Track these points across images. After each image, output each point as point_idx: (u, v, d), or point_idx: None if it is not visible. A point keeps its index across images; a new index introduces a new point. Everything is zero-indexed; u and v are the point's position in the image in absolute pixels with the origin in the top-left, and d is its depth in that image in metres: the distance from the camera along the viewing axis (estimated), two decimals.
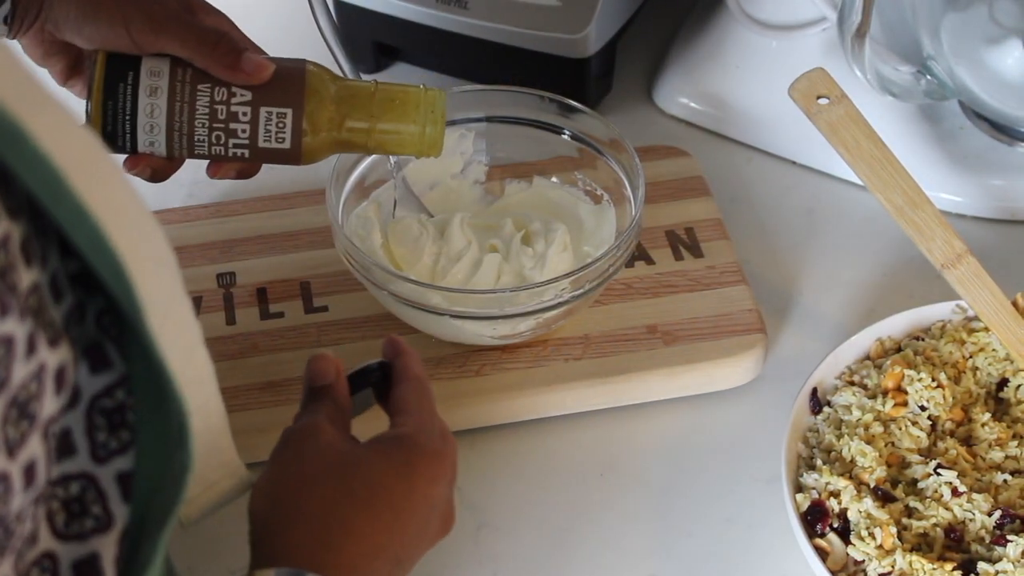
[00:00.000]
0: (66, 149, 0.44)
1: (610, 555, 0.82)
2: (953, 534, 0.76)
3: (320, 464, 0.63)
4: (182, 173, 1.05)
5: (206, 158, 0.80)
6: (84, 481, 0.50)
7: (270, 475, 0.63)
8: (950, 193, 1.01)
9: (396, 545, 0.62)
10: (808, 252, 0.99)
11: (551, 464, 0.86)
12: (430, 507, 0.64)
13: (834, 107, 0.88)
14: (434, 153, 0.81)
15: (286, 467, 0.63)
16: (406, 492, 0.63)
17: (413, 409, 0.67)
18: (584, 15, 1.01)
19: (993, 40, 0.92)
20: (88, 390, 0.50)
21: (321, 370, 0.68)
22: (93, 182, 0.45)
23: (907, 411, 0.81)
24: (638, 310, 0.91)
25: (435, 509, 0.65)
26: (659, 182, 0.99)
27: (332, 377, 0.68)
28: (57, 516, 0.49)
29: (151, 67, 0.77)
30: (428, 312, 0.84)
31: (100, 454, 0.50)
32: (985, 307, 0.85)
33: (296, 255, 0.95)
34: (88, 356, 0.50)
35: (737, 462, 0.86)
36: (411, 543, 0.64)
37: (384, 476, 0.63)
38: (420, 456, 0.64)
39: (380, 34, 1.10)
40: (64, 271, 0.48)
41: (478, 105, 0.95)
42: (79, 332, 0.49)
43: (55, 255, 0.47)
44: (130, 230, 0.47)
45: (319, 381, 0.68)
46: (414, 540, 0.64)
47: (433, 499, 0.65)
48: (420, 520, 0.64)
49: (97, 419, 0.50)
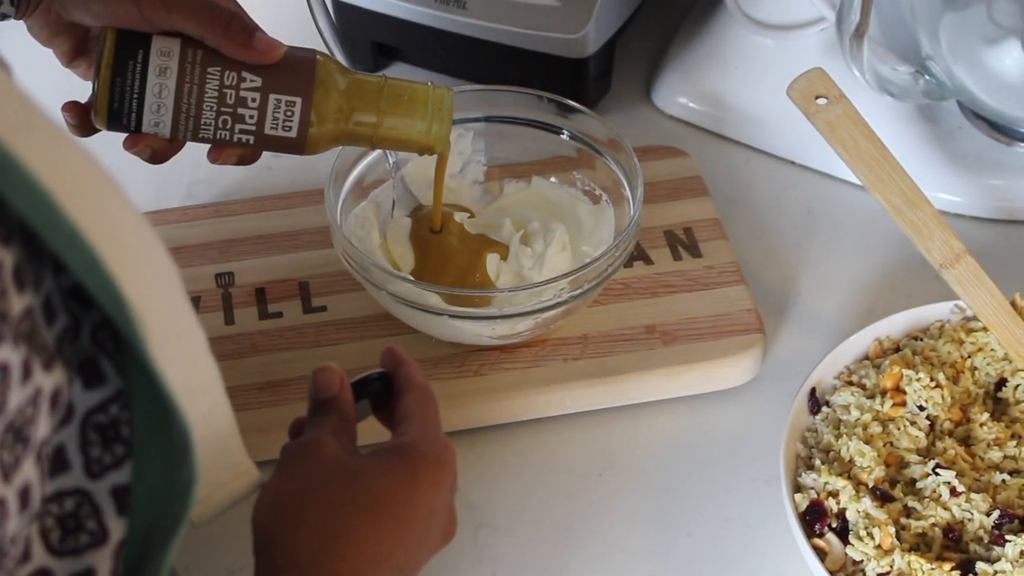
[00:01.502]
0: (58, 170, 0.43)
1: (609, 555, 0.82)
2: (952, 534, 0.76)
3: (323, 475, 0.63)
4: (181, 173, 1.06)
5: (210, 142, 0.79)
6: (78, 497, 0.50)
7: (273, 487, 0.63)
8: (949, 193, 1.01)
9: (399, 553, 0.62)
10: (807, 252, 0.99)
11: (550, 464, 0.86)
12: (432, 515, 0.65)
13: (833, 107, 0.89)
14: (439, 149, 0.82)
15: (289, 479, 0.63)
16: (408, 500, 0.63)
17: (416, 418, 0.67)
18: (583, 15, 1.01)
19: (991, 40, 0.92)
20: (81, 406, 0.50)
21: (326, 383, 0.68)
22: (87, 203, 0.44)
23: (906, 411, 0.82)
24: (637, 310, 0.91)
25: (437, 517, 0.65)
26: (658, 182, 0.99)
27: (336, 389, 0.68)
28: (52, 533, 0.49)
29: (161, 46, 0.76)
30: (427, 312, 0.84)
31: (94, 469, 0.50)
32: (984, 307, 0.85)
33: (295, 255, 0.95)
34: (82, 372, 0.49)
35: (736, 462, 0.86)
36: (414, 551, 0.64)
37: (386, 485, 0.63)
38: (422, 464, 0.64)
39: (379, 34, 1.10)
40: (58, 288, 0.47)
41: (477, 105, 0.95)
42: (73, 350, 0.49)
43: (49, 275, 0.47)
44: (127, 248, 0.46)
45: (324, 393, 0.68)
46: (416, 548, 0.64)
47: (435, 507, 0.65)
48: (422, 528, 0.64)
49: (91, 434, 0.50)
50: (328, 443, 0.65)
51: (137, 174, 1.06)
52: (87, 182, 0.45)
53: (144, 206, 0.99)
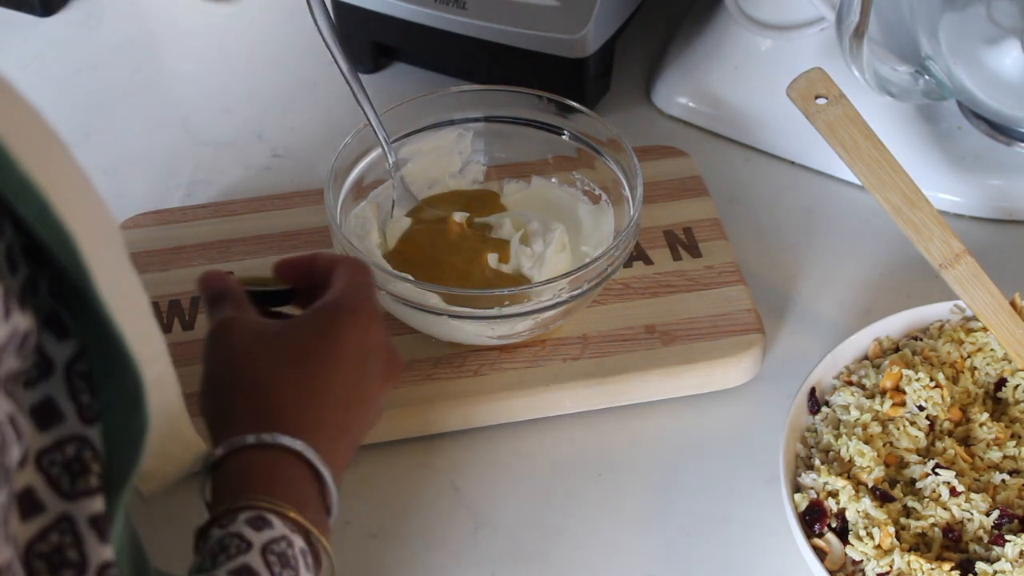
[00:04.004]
0: (11, 125, 0.45)
1: (608, 555, 0.82)
2: (951, 534, 0.76)
3: (244, 344, 0.67)
4: (181, 173, 1.06)
5: None
6: (78, 443, 0.51)
7: (203, 375, 0.67)
8: (948, 193, 1.01)
9: (338, 391, 0.66)
10: (806, 252, 0.99)
11: (549, 464, 0.86)
12: (363, 353, 0.68)
13: (832, 107, 0.89)
14: None
15: (214, 361, 0.67)
16: (332, 345, 0.67)
17: (338, 281, 0.71)
18: (582, 15, 1.01)
19: (991, 40, 0.92)
20: (60, 357, 0.51)
21: (212, 278, 0.72)
22: (38, 155, 0.46)
23: (905, 411, 0.82)
24: (636, 310, 0.91)
25: (371, 356, 0.69)
26: (657, 182, 0.99)
27: (225, 281, 0.72)
28: (62, 479, 0.51)
29: None
30: (426, 312, 0.84)
31: (87, 415, 0.52)
32: (983, 307, 0.85)
33: (295, 255, 0.95)
34: (49, 325, 0.51)
35: (735, 462, 0.86)
36: (353, 387, 0.67)
37: (307, 335, 0.68)
38: (340, 312, 0.69)
39: (378, 34, 1.10)
40: (18, 242, 0.49)
41: (476, 105, 0.95)
42: (37, 303, 0.51)
43: (9, 227, 0.48)
44: (75, 203, 0.48)
45: (215, 287, 0.72)
46: (355, 384, 0.68)
47: (365, 346, 0.68)
48: (353, 366, 0.68)
49: (77, 383, 0.52)
50: (238, 319, 0.68)
51: (137, 174, 1.07)
52: (37, 137, 0.47)
53: (144, 206, 1.00)
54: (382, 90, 1.06)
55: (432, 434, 0.87)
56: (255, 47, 1.15)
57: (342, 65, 0.89)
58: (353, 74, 0.89)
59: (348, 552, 0.80)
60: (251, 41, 0.91)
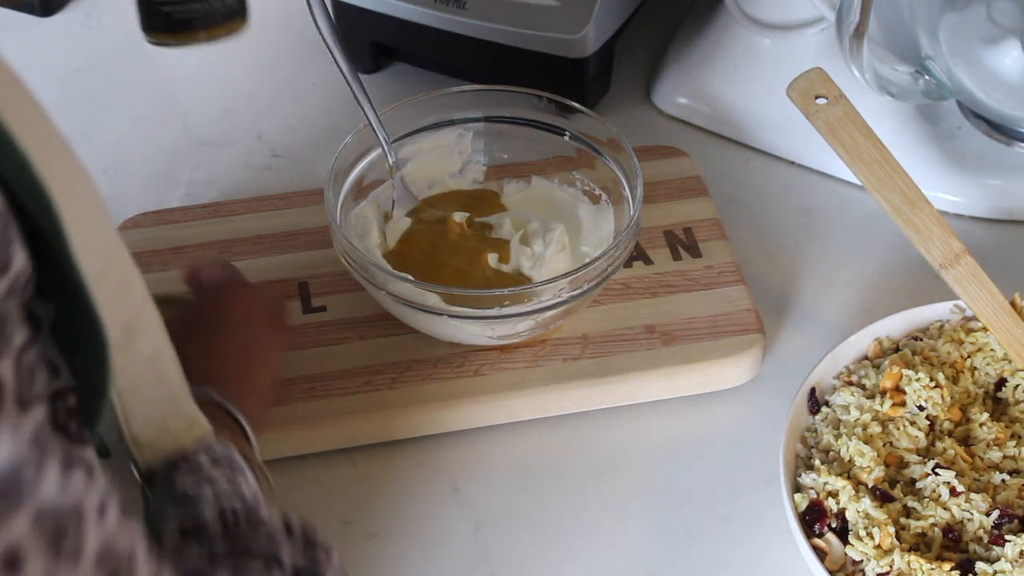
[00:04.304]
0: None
1: (608, 555, 0.82)
2: (951, 534, 0.76)
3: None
4: (181, 173, 1.06)
5: None
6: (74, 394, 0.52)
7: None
8: (948, 193, 1.01)
9: (235, 353, 0.75)
10: (806, 252, 0.99)
11: (549, 464, 0.86)
12: (248, 319, 0.78)
13: (832, 107, 0.89)
14: None
15: None
16: (206, 319, 0.77)
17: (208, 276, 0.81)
18: (582, 15, 1.01)
19: (991, 40, 0.92)
20: (47, 318, 0.52)
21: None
22: (18, 114, 0.47)
23: (905, 411, 0.82)
24: (636, 310, 0.91)
25: (256, 321, 0.78)
26: (657, 182, 0.99)
27: None
28: (71, 424, 0.51)
29: None
30: (426, 312, 0.84)
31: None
32: (983, 307, 0.85)
33: (294, 255, 0.95)
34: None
35: (735, 462, 0.86)
36: (251, 351, 0.76)
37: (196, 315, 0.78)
38: (219, 291, 0.79)
39: (378, 34, 1.10)
40: None
41: (476, 105, 0.95)
42: None
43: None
44: (55, 162, 0.49)
45: None
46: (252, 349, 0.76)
47: (249, 313, 0.78)
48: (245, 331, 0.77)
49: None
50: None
51: (137, 174, 1.07)
52: (17, 99, 0.49)
53: (144, 206, 1.00)
54: (382, 90, 1.06)
55: (432, 434, 0.87)
56: (255, 47, 1.15)
57: (342, 65, 0.89)
58: (353, 74, 0.89)
59: (348, 552, 0.80)
60: (251, 41, 0.91)
